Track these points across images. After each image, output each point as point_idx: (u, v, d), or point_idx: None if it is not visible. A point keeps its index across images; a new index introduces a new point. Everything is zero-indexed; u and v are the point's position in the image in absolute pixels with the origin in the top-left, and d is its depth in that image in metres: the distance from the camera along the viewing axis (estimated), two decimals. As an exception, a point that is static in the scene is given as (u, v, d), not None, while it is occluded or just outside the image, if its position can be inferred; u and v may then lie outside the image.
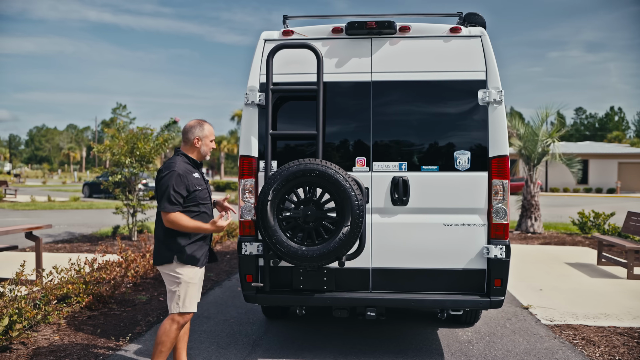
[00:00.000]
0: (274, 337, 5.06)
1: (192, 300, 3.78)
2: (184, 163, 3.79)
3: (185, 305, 3.75)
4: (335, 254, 3.91)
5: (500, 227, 4.20)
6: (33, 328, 5.13)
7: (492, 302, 4.17)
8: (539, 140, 13.50)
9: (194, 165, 3.87)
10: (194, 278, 3.77)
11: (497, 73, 4.25)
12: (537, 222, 13.80)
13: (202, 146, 3.89)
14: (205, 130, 3.90)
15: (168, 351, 3.75)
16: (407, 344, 4.83)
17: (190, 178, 3.73)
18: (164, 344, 3.71)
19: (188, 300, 3.76)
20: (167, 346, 3.72)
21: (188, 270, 3.75)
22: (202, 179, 3.89)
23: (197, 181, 3.78)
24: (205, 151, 3.91)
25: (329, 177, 3.88)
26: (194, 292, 3.79)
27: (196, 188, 3.75)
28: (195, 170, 3.85)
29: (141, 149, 11.38)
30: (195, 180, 3.77)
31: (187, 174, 3.72)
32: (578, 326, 5.45)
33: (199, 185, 3.79)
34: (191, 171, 3.79)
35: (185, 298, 3.75)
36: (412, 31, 4.37)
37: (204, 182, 3.89)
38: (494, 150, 4.20)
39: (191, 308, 3.77)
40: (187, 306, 3.76)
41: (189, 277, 3.75)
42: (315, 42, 4.38)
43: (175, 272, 3.74)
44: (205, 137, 3.89)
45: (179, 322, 3.75)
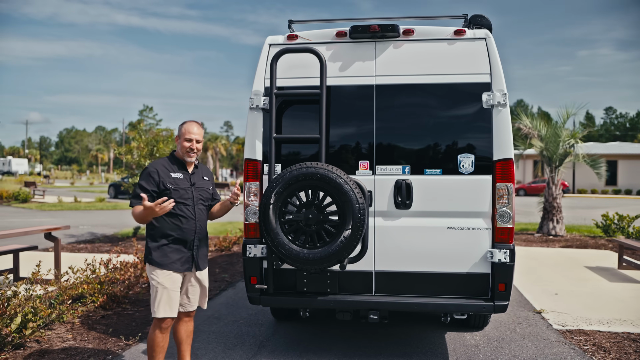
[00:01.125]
0: (280, 339, 5.10)
1: (164, 305, 3.64)
2: (165, 162, 3.78)
3: (158, 310, 3.64)
4: (337, 257, 3.94)
5: (505, 231, 4.16)
6: (48, 327, 5.28)
7: (496, 306, 4.13)
8: (561, 141, 13.26)
9: (179, 165, 3.80)
10: (165, 282, 3.64)
11: (501, 76, 4.21)
12: (559, 224, 13.56)
13: (178, 145, 3.82)
14: (182, 129, 3.80)
15: (159, 354, 3.72)
16: (412, 347, 4.82)
17: (165, 176, 3.68)
18: (152, 348, 3.70)
19: (160, 304, 3.64)
20: (155, 350, 3.69)
21: (159, 273, 3.66)
22: (187, 180, 3.78)
23: (173, 180, 3.70)
24: (181, 150, 3.78)
25: (330, 181, 3.91)
26: (165, 297, 3.64)
27: (168, 187, 3.66)
28: (179, 171, 3.78)
29: (160, 150, 11.59)
30: (171, 179, 3.70)
31: (162, 172, 3.68)
32: (590, 332, 5.35)
33: (173, 184, 3.68)
34: (171, 170, 3.74)
35: (156, 302, 3.64)
36: (416, 34, 4.36)
37: (187, 183, 3.77)
38: (498, 153, 4.16)
39: (161, 313, 3.63)
40: (158, 311, 3.64)
41: (160, 281, 3.65)
42: (319, 46, 4.41)
43: (150, 274, 3.71)
44: (180, 136, 3.78)
45: (159, 326, 3.68)
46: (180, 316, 3.88)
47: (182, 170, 3.80)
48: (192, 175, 3.84)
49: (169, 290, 3.67)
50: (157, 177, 3.67)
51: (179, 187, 3.72)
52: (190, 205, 3.76)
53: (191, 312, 3.91)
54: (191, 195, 3.77)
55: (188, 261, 3.76)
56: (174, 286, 3.70)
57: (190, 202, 3.76)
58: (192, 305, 3.89)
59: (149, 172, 3.69)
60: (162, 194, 3.67)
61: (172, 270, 3.68)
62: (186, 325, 3.92)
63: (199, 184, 3.85)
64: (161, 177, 3.68)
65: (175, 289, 3.70)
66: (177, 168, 3.79)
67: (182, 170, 3.80)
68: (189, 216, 3.73)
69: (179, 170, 3.78)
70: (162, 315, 3.64)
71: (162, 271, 3.67)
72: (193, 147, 3.77)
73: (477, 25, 4.52)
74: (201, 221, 3.81)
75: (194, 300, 3.89)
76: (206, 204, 3.90)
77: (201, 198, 3.84)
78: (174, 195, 3.67)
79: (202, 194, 3.86)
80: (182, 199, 3.72)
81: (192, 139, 3.76)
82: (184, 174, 3.79)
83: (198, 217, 3.78)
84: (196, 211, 3.78)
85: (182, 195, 3.72)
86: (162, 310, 3.64)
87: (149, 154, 11.64)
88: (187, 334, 3.94)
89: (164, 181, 3.67)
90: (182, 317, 3.89)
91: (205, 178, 3.94)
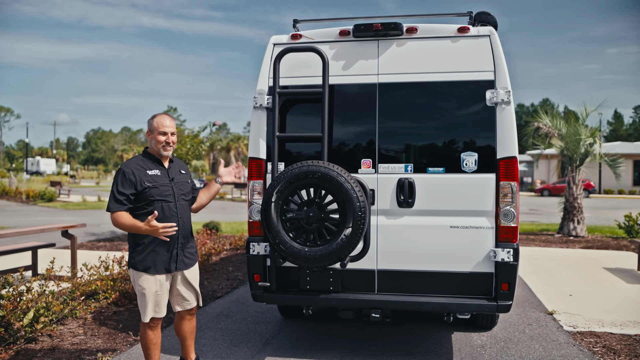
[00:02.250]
0: (286, 336, 5.13)
1: (152, 309, 3.59)
2: (139, 160, 3.61)
3: (146, 315, 3.59)
4: (337, 255, 3.94)
5: (509, 230, 4.12)
6: (61, 322, 5.41)
7: (499, 306, 4.09)
8: (582, 140, 13.01)
9: (154, 161, 3.65)
10: (152, 287, 3.57)
11: (506, 73, 4.16)
12: (580, 225, 13.31)
13: (151, 140, 3.63)
14: (153, 123, 3.62)
15: (154, 351, 3.70)
16: (417, 347, 4.80)
17: (141, 175, 3.52)
18: (146, 346, 3.69)
19: (147, 309, 3.58)
20: (150, 348, 3.68)
21: (145, 278, 3.57)
22: (165, 175, 3.64)
23: (151, 178, 3.55)
24: (156, 145, 3.62)
25: (331, 179, 3.92)
26: (153, 301, 3.58)
27: (146, 185, 3.50)
28: (155, 167, 3.62)
29: (177, 150, 11.74)
30: (148, 177, 3.54)
31: (137, 171, 3.53)
32: (602, 334, 5.25)
33: (152, 182, 3.54)
34: (147, 168, 3.58)
35: (145, 308, 3.58)
36: (420, 32, 4.34)
37: (166, 179, 3.62)
38: (502, 151, 4.12)
39: (149, 317, 3.59)
40: (146, 316, 3.59)
41: (147, 286, 3.57)
42: (322, 45, 4.43)
43: (135, 280, 3.62)
44: (153, 130, 3.61)
45: (148, 325, 3.65)
46: (182, 314, 3.86)
47: (159, 167, 3.65)
48: (169, 170, 3.69)
49: (157, 294, 3.60)
50: (134, 177, 3.50)
51: (158, 184, 3.57)
52: (172, 202, 3.62)
53: (192, 309, 3.88)
54: (172, 191, 3.63)
55: (174, 261, 3.65)
56: (162, 289, 3.63)
57: (172, 198, 3.62)
58: (190, 303, 3.85)
59: (124, 173, 3.51)
60: (141, 193, 3.51)
61: (158, 273, 3.59)
62: (189, 322, 3.90)
63: (177, 179, 3.72)
64: (137, 176, 3.51)
65: (163, 291, 3.64)
66: (153, 165, 3.63)
67: (158, 166, 3.65)
68: (171, 214, 3.60)
69: (155, 166, 3.63)
70: (150, 317, 3.61)
71: (148, 276, 3.57)
72: (169, 140, 3.62)
73: (482, 23, 4.48)
74: (184, 217, 3.69)
75: (191, 297, 3.84)
76: (187, 198, 3.78)
77: (182, 193, 3.71)
78: (153, 192, 3.53)
79: (183, 188, 3.73)
80: (162, 196, 3.57)
81: (166, 132, 3.61)
82: (161, 170, 3.64)
83: (181, 214, 3.66)
84: (178, 207, 3.65)
85: (162, 192, 3.58)
86: (151, 314, 3.60)
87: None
88: (191, 330, 3.92)
89: (141, 180, 3.51)
90: (184, 315, 3.87)
91: (182, 172, 3.80)
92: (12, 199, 27.52)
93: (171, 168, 3.72)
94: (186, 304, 3.83)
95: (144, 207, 3.54)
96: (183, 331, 3.91)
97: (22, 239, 10.38)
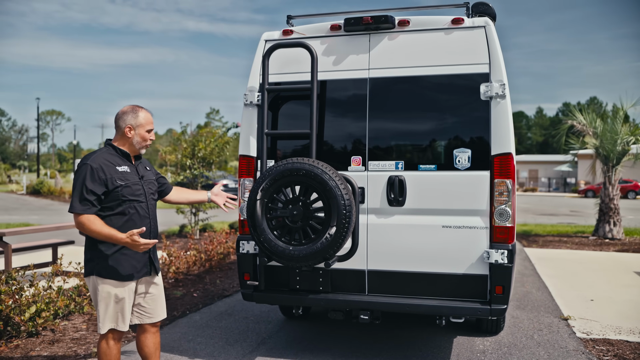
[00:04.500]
0: (283, 336, 5.06)
1: (114, 318, 3.25)
2: (106, 155, 3.27)
3: (104, 325, 3.23)
4: (322, 254, 3.84)
5: (504, 230, 3.92)
6: (66, 317, 5.52)
7: (493, 310, 3.89)
8: (619, 137, 12.40)
9: (124, 157, 3.33)
10: (119, 294, 3.24)
11: (501, 66, 3.97)
12: (616, 227, 12.71)
13: (134, 136, 3.33)
14: (140, 118, 3.33)
15: None
16: (414, 351, 4.64)
17: (111, 172, 3.19)
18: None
19: (108, 319, 3.24)
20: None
21: (112, 285, 3.22)
22: (135, 173, 3.34)
23: (122, 175, 3.23)
24: (140, 142, 3.35)
25: (316, 177, 3.82)
26: (116, 310, 3.25)
27: (118, 184, 3.19)
28: (124, 164, 3.30)
29: (202, 150, 11.90)
30: (118, 174, 3.22)
31: (107, 167, 3.19)
32: (616, 342, 4.95)
33: (124, 180, 3.23)
34: (116, 164, 3.26)
35: (107, 317, 3.23)
36: (412, 24, 4.20)
37: (136, 177, 3.33)
38: (496, 147, 3.93)
39: (108, 327, 3.25)
40: (104, 325, 3.23)
41: (113, 293, 3.22)
42: (313, 40, 4.35)
43: (97, 287, 3.24)
44: (139, 125, 3.32)
45: (108, 339, 3.30)
46: (145, 328, 3.45)
47: (127, 162, 3.34)
48: (137, 167, 3.39)
49: (123, 301, 3.26)
50: (103, 174, 3.17)
51: (130, 182, 3.27)
52: (144, 202, 3.33)
53: (157, 322, 3.49)
54: (142, 191, 3.35)
55: (146, 265, 3.36)
56: (130, 296, 3.29)
57: (143, 197, 3.33)
58: (157, 315, 3.46)
59: (92, 169, 3.15)
60: (112, 193, 3.18)
61: (126, 280, 3.25)
62: (154, 337, 3.49)
63: (146, 177, 3.44)
64: (107, 173, 3.19)
65: (130, 300, 3.30)
66: (122, 161, 3.31)
67: (127, 162, 3.33)
68: (144, 215, 3.32)
69: (123, 162, 3.31)
70: (109, 329, 3.26)
71: (115, 282, 3.22)
72: (153, 137, 3.43)
73: (480, 14, 4.30)
74: (154, 219, 3.43)
75: (157, 308, 3.46)
76: (155, 197, 3.50)
77: (151, 192, 3.44)
78: (125, 192, 3.23)
79: (151, 187, 3.46)
80: (134, 196, 3.27)
81: (153, 129, 3.42)
82: (130, 167, 3.34)
83: (152, 215, 3.39)
84: (149, 208, 3.38)
85: (135, 192, 3.28)
86: (110, 324, 3.25)
87: (191, 154, 11.99)
88: (156, 347, 3.50)
89: (112, 178, 3.19)
90: (148, 329, 3.46)
91: (147, 168, 3.51)
92: (56, 198, 28.60)
93: (139, 165, 3.44)
94: (148, 315, 3.43)
95: (113, 207, 3.21)
96: (147, 347, 3.47)
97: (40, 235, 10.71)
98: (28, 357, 4.43)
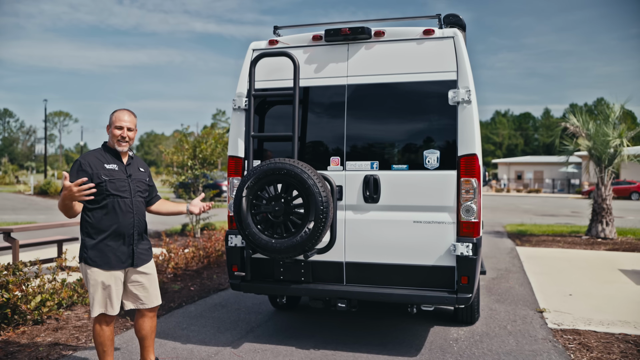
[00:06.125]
0: (271, 325, 5.41)
1: (101, 304, 3.60)
2: (97, 154, 3.67)
3: (94, 309, 3.59)
4: (302, 247, 4.19)
5: (470, 225, 4.25)
6: (70, 307, 5.90)
7: (459, 299, 4.23)
8: (611, 139, 12.65)
9: (113, 156, 3.70)
10: (105, 281, 3.58)
11: (467, 73, 4.30)
12: (608, 227, 12.96)
13: (110, 134, 3.70)
14: (112, 117, 3.68)
15: (108, 349, 3.71)
16: (391, 338, 4.98)
17: (98, 168, 3.57)
18: (100, 344, 3.69)
19: (96, 304, 3.59)
20: (103, 346, 3.69)
21: (97, 273, 3.58)
22: (123, 171, 3.68)
23: (108, 172, 3.59)
24: (112, 139, 3.68)
25: (296, 175, 4.17)
26: (103, 296, 3.60)
27: (103, 179, 3.55)
28: (113, 162, 3.67)
29: (203, 151, 12.28)
30: (105, 170, 3.59)
31: (94, 164, 3.58)
32: (584, 332, 5.26)
33: (108, 175, 3.58)
34: (105, 161, 3.64)
35: (95, 302, 3.59)
36: (387, 35, 4.54)
37: (123, 174, 3.67)
38: (462, 149, 4.26)
39: (97, 312, 3.60)
40: (94, 310, 3.59)
41: (100, 280, 3.58)
42: (296, 49, 4.69)
43: (85, 274, 3.63)
44: (111, 124, 3.67)
45: (100, 322, 3.66)
46: (142, 312, 3.82)
47: (117, 161, 3.69)
48: (127, 167, 3.73)
49: (109, 289, 3.61)
50: (90, 169, 3.54)
51: (114, 178, 3.61)
52: (128, 198, 3.65)
53: (153, 307, 3.84)
54: (128, 187, 3.67)
55: (129, 257, 3.67)
56: (117, 284, 3.64)
57: (128, 194, 3.65)
58: (151, 301, 3.81)
59: (80, 164, 3.56)
60: (97, 187, 3.50)
61: (111, 269, 3.60)
62: (150, 321, 3.84)
63: (135, 175, 3.76)
64: (94, 169, 3.56)
65: (117, 287, 3.64)
66: (112, 159, 3.67)
67: (116, 161, 3.69)
68: (126, 209, 3.63)
69: (113, 161, 3.67)
70: (99, 313, 3.61)
71: (101, 271, 3.58)
72: (124, 134, 3.65)
73: (451, 25, 4.63)
74: (140, 214, 3.73)
75: (150, 296, 3.80)
76: (144, 195, 3.82)
77: (139, 190, 3.75)
78: (109, 187, 3.57)
79: (139, 185, 3.77)
80: (118, 191, 3.61)
81: (122, 126, 3.65)
82: (119, 165, 3.68)
83: (136, 210, 3.69)
84: (134, 203, 3.68)
85: (119, 187, 3.62)
86: (99, 309, 3.60)
87: (192, 155, 12.37)
88: (151, 330, 3.87)
89: (97, 173, 3.56)
90: (145, 314, 3.82)
91: (141, 169, 3.84)
92: (64, 198, 29.10)
93: (131, 164, 3.77)
94: (142, 302, 3.78)
95: (99, 201, 3.56)
96: (143, 330, 3.84)
97: (52, 233, 11.13)
98: (34, 342, 4.80)
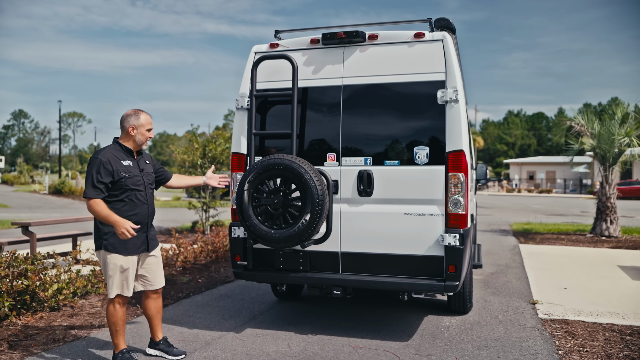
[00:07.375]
0: (272, 314, 5.71)
1: (119, 286, 3.97)
2: (113, 150, 4.00)
3: (113, 291, 3.97)
4: (299, 237, 4.48)
5: (458, 217, 4.51)
6: (84, 297, 6.25)
7: (446, 286, 4.49)
8: (615, 138, 12.77)
9: (127, 153, 4.06)
10: (124, 265, 3.96)
11: (455, 74, 4.56)
12: (612, 225, 13.08)
13: (137, 135, 4.04)
14: (142, 119, 4.05)
15: (121, 329, 4.06)
16: (386, 325, 5.25)
17: (117, 165, 3.92)
18: (113, 324, 4.04)
19: (115, 286, 3.96)
20: (116, 326, 4.04)
21: (117, 258, 3.95)
22: (137, 166, 4.06)
23: (126, 168, 3.96)
24: (141, 140, 4.06)
25: (293, 170, 4.46)
26: (122, 278, 3.97)
27: (122, 175, 3.92)
28: (128, 158, 4.03)
29: (212, 150, 12.63)
30: (123, 167, 3.94)
31: (114, 161, 3.91)
32: (573, 322, 5.48)
33: (127, 172, 3.95)
34: (121, 158, 3.98)
35: (114, 285, 3.96)
36: (380, 38, 4.82)
37: (137, 170, 4.06)
38: (450, 145, 4.52)
39: (115, 293, 3.97)
40: (112, 291, 3.97)
41: (119, 264, 3.95)
42: (295, 52, 4.99)
43: (104, 259, 3.98)
44: (140, 125, 4.04)
45: (116, 301, 4.02)
46: (148, 294, 4.24)
47: (130, 157, 4.07)
48: (139, 162, 4.13)
49: (127, 272, 3.99)
50: (111, 166, 3.89)
51: (132, 174, 4.00)
52: (143, 191, 4.08)
53: (158, 289, 4.27)
54: (142, 181, 4.09)
55: (144, 243, 4.11)
56: (132, 267, 4.03)
57: (142, 187, 4.08)
58: (157, 283, 4.24)
59: (102, 162, 3.88)
60: (117, 182, 3.91)
61: (129, 255, 3.99)
62: (155, 301, 4.27)
63: (146, 169, 4.17)
64: (114, 166, 3.90)
65: (133, 270, 4.03)
66: (126, 156, 4.05)
67: (130, 157, 4.07)
68: (142, 201, 4.07)
69: (127, 157, 4.04)
70: (116, 294, 3.98)
71: (120, 256, 3.96)
72: (152, 135, 4.12)
73: (441, 28, 4.89)
74: (151, 204, 4.18)
75: (156, 278, 4.23)
76: (153, 187, 4.25)
77: (150, 182, 4.19)
78: (128, 182, 3.96)
79: (150, 178, 4.20)
80: (135, 186, 4.02)
81: (152, 128, 4.13)
82: (133, 161, 4.06)
83: (149, 201, 4.15)
84: (147, 195, 4.13)
85: (136, 182, 4.02)
86: (117, 290, 3.98)
87: (202, 155, 12.72)
88: (157, 310, 4.30)
89: (117, 170, 3.91)
90: (150, 295, 4.25)
91: (147, 162, 4.23)
92: (77, 198, 29.74)
93: (140, 159, 4.17)
94: (150, 284, 4.21)
95: (118, 195, 3.95)
96: (150, 310, 4.28)
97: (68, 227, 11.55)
98: (51, 326, 5.15)
